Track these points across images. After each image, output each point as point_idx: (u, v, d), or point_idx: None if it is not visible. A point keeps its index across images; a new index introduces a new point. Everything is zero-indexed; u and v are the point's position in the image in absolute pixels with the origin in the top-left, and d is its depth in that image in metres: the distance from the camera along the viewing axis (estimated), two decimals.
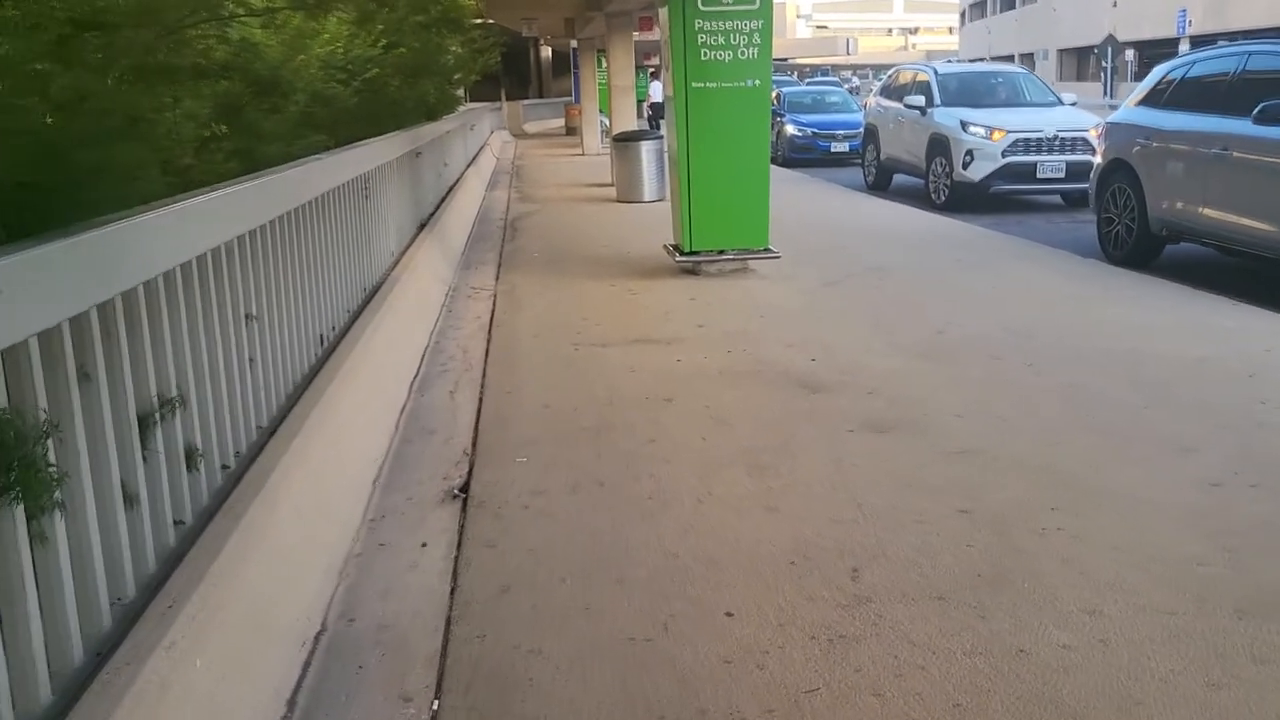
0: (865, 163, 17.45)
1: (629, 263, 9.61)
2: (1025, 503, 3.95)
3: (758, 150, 8.59)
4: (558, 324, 7.25)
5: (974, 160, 13.63)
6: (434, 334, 7.07)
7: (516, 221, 13.05)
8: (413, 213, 9.62)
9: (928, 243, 10.43)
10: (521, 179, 19.26)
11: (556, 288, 8.59)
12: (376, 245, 7.31)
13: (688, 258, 8.76)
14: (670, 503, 4.05)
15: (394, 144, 8.41)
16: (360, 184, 6.85)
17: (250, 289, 4.01)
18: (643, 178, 14.55)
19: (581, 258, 10.09)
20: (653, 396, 5.44)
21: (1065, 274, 8.65)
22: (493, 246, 11.06)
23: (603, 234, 11.73)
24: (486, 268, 9.77)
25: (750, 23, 8.35)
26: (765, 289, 8.22)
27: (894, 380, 5.60)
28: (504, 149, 27.68)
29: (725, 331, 6.82)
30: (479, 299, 8.28)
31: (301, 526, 3.55)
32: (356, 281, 6.41)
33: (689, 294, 8.08)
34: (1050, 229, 12.25)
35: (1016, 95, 15.27)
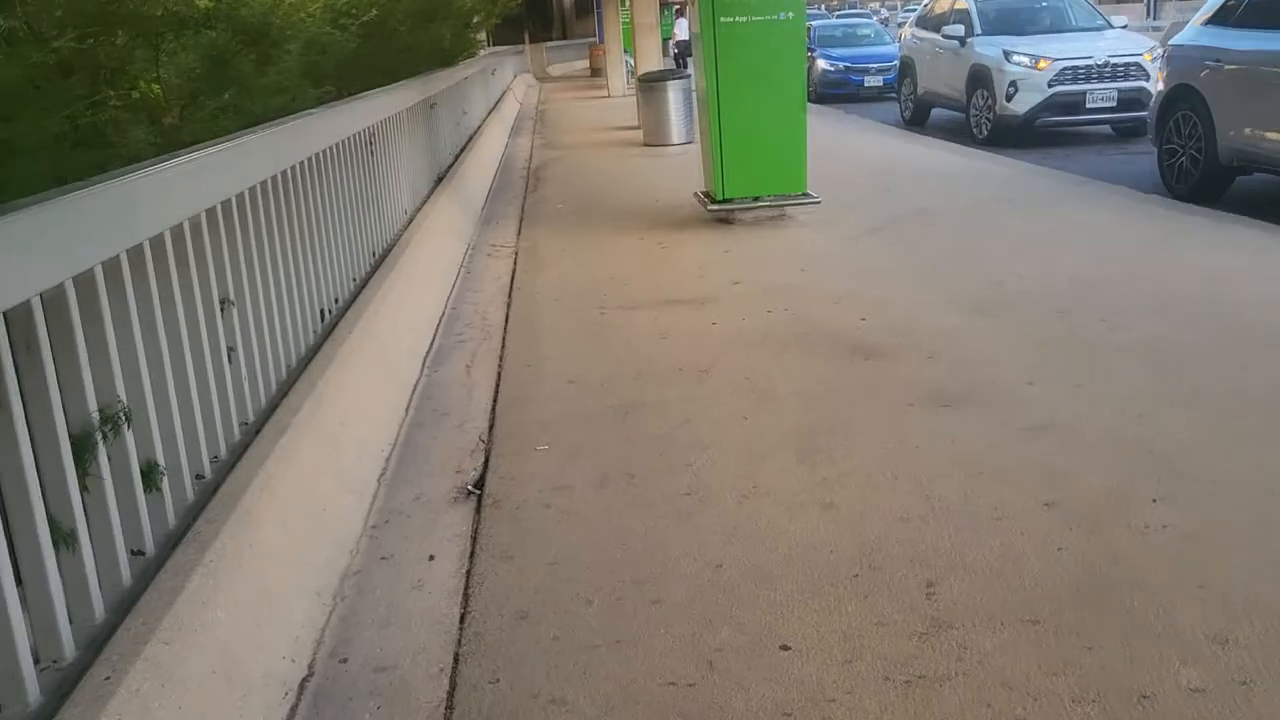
0: (901, 98, 16.70)
1: (658, 213, 9.05)
2: (1120, 492, 3.42)
3: (793, 88, 7.97)
4: (582, 284, 6.74)
5: (1018, 92, 12.90)
6: (450, 299, 6.58)
7: (540, 170, 12.49)
8: (428, 166, 9.10)
9: (974, 182, 9.79)
10: (545, 124, 18.64)
11: (581, 243, 8.06)
12: (387, 204, 6.80)
13: (720, 206, 8.19)
14: (711, 499, 3.55)
15: (404, 94, 7.87)
16: (365, 139, 6.34)
17: (227, 269, 3.52)
18: (670, 120, 13.93)
19: (607, 208, 9.54)
20: (687, 367, 4.92)
21: (1128, 213, 8.01)
22: (514, 198, 10.52)
23: (629, 181, 11.16)
24: (508, 222, 9.24)
25: None
26: (805, 238, 7.65)
27: (954, 341, 5.06)
28: (527, 94, 26.99)
29: (764, 288, 6.28)
30: (499, 257, 7.77)
31: (288, 545, 3.08)
32: (364, 246, 5.92)
33: (723, 246, 7.53)
34: (1102, 163, 11.55)
35: (1062, 20, 14.44)
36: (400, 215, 7.30)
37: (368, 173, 6.31)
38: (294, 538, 3.15)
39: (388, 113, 7.05)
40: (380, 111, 6.70)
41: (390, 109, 7.12)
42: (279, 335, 4.07)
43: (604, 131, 16.52)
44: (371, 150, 6.47)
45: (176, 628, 2.38)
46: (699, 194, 8.70)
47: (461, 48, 14.63)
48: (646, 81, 14.14)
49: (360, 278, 5.74)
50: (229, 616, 2.60)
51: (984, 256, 6.77)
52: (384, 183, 6.82)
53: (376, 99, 6.62)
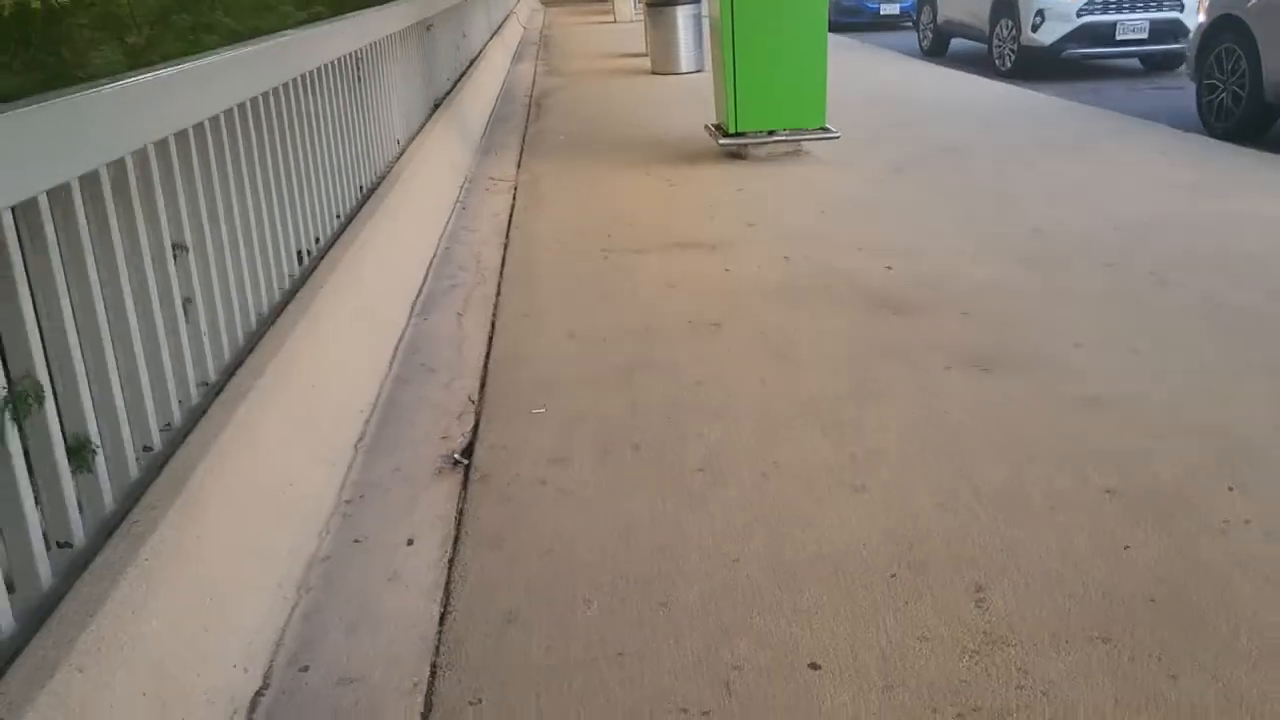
0: (920, 26, 16.04)
1: (666, 145, 8.57)
2: (1190, 479, 3.02)
3: (814, 15, 7.44)
4: (585, 223, 6.29)
5: (1045, 21, 12.28)
6: (444, 237, 6.15)
7: (542, 99, 11.95)
8: (425, 92, 8.59)
9: (1002, 117, 9.27)
10: (549, 50, 18.01)
11: (584, 177, 7.59)
12: (377, 134, 6.34)
13: (733, 139, 7.71)
14: (726, 477, 3.16)
15: (397, 15, 7.34)
16: (352, 62, 5.86)
17: (182, 209, 3.09)
18: (679, 47, 13.35)
19: (613, 140, 9.05)
20: (698, 320, 4.50)
21: (1169, 153, 7.52)
22: (516, 128, 10.02)
23: (636, 111, 10.64)
24: (508, 153, 8.76)
25: None
26: (824, 176, 7.18)
27: (991, 296, 4.63)
28: (532, 18, 26.23)
29: (781, 231, 5.83)
30: (498, 192, 7.31)
31: (245, 532, 2.70)
32: (351, 180, 5.47)
33: (736, 184, 7.06)
34: (1133, 98, 11.00)
35: None
36: (392, 145, 6.84)
37: (356, 99, 5.85)
38: (252, 522, 2.76)
39: (378, 35, 6.55)
40: (370, 33, 6.21)
41: (381, 31, 6.62)
42: (247, 282, 3.65)
43: (610, 58, 15.92)
44: (359, 75, 6.00)
45: (97, 648, 2.00)
46: (710, 126, 8.21)
47: None
48: (655, 6, 13.51)
49: (346, 214, 5.31)
50: (167, 626, 2.22)
51: (1019, 200, 6.31)
52: (374, 110, 6.35)
53: (365, 20, 6.12)
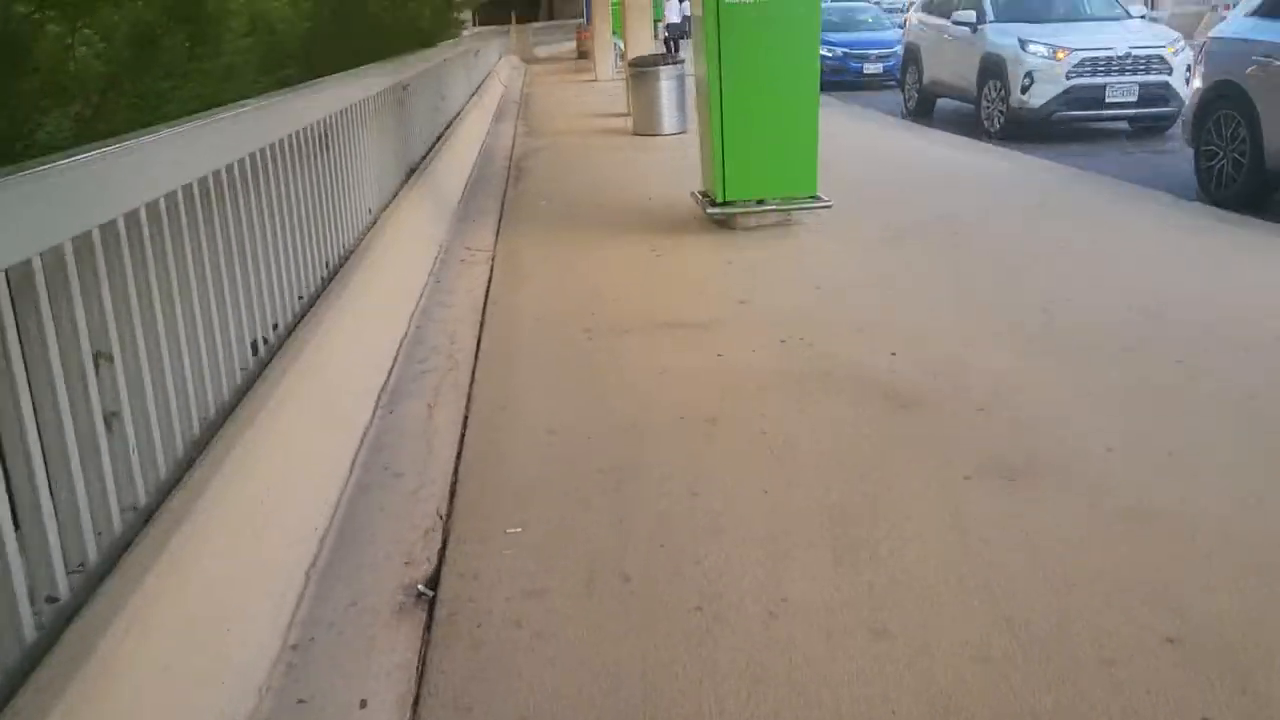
0: (905, 87, 15.92)
1: (651, 213, 8.24)
2: (1261, 620, 2.64)
3: (804, 79, 7.15)
4: (567, 299, 5.93)
5: (1034, 84, 12.13)
6: (416, 315, 5.76)
7: (523, 161, 11.65)
8: (399, 158, 8.26)
9: (996, 183, 9.00)
10: (530, 110, 17.78)
11: (566, 247, 7.24)
12: (346, 205, 5.98)
13: (721, 209, 7.38)
14: (727, 617, 2.76)
15: (370, 79, 7.02)
16: (319, 131, 5.51)
17: (107, 309, 2.70)
18: (662, 108, 13.09)
19: (595, 206, 8.72)
20: (691, 415, 4.12)
21: (1174, 223, 7.24)
22: (495, 193, 9.69)
23: (619, 175, 10.33)
24: (486, 220, 8.41)
25: None
26: (817, 248, 6.85)
27: (1008, 388, 4.27)
28: (512, 76, 26.09)
29: (776, 310, 5.48)
30: (474, 264, 6.95)
31: (166, 702, 2.28)
32: (315, 258, 5.09)
33: (725, 255, 6.72)
34: (1126, 162, 10.78)
35: (1078, 9, 13.67)
36: (363, 216, 6.48)
37: (323, 170, 5.49)
38: (178, 687, 2.34)
39: (348, 101, 6.21)
40: (338, 100, 5.87)
41: (352, 97, 6.28)
42: (190, 384, 3.25)
43: (591, 119, 15.68)
44: (327, 144, 5.65)
45: None
46: (696, 194, 7.89)
47: (442, 28, 13.80)
48: (637, 67, 13.29)
49: (310, 294, 4.93)
50: None
51: (1023, 275, 5.99)
52: (344, 181, 5.99)
53: (333, 87, 5.78)
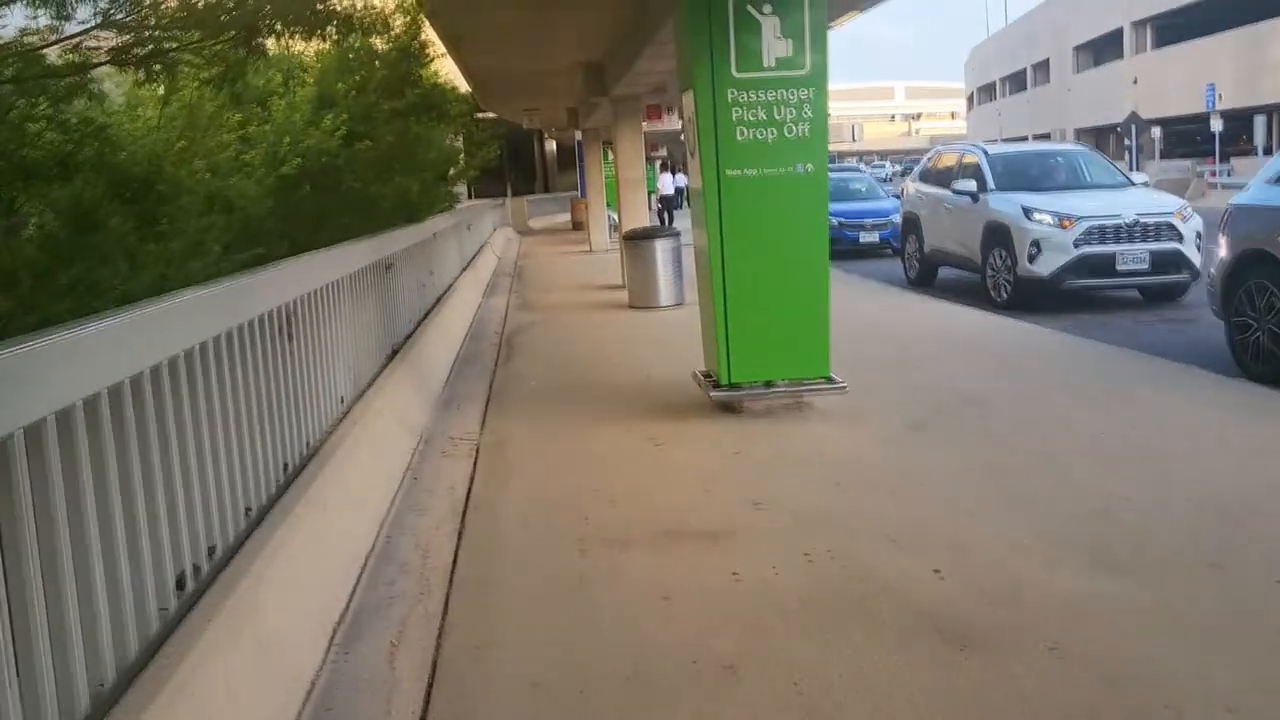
0: (906, 255, 15.61)
1: (650, 395, 7.65)
2: None
3: (813, 254, 6.67)
4: (558, 502, 5.26)
5: (1041, 252, 11.74)
6: (386, 523, 5.09)
7: (514, 336, 11.14)
8: (380, 339, 7.72)
9: (1017, 358, 8.46)
10: (523, 282, 17.45)
11: (558, 436, 6.62)
12: (313, 397, 5.38)
13: (726, 392, 6.79)
14: None
15: (346, 257, 6.53)
16: (281, 317, 4.96)
17: None
18: (658, 281, 12.69)
19: (590, 387, 8.14)
20: (705, 661, 3.41)
21: (1223, 404, 6.65)
22: (483, 372, 9.12)
23: (615, 352, 9.80)
24: (472, 405, 7.81)
25: (799, 91, 6.49)
26: (834, 436, 6.23)
27: (1080, 619, 3.57)
28: (507, 247, 26.02)
29: (795, 515, 4.81)
30: (456, 458, 6.31)
31: None
32: (268, 462, 4.46)
33: (733, 445, 6.10)
34: (1145, 332, 10.30)
35: (1079, 176, 13.45)
36: (333, 407, 5.88)
37: (284, 360, 4.90)
38: None
39: (317, 282, 5.69)
40: (304, 283, 5.33)
41: (321, 278, 5.76)
42: (77, 650, 2.57)
43: (586, 290, 15.31)
44: (289, 333, 5.08)
45: None
46: (698, 374, 7.32)
47: (433, 201, 13.52)
48: (633, 239, 12.95)
49: (260, 506, 4.27)
50: None
51: (1069, 467, 5.35)
52: (310, 369, 5.41)
53: (296, 268, 5.25)
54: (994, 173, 13.06)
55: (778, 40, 6.44)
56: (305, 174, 7.57)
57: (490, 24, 11.06)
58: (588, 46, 13.42)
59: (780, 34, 6.44)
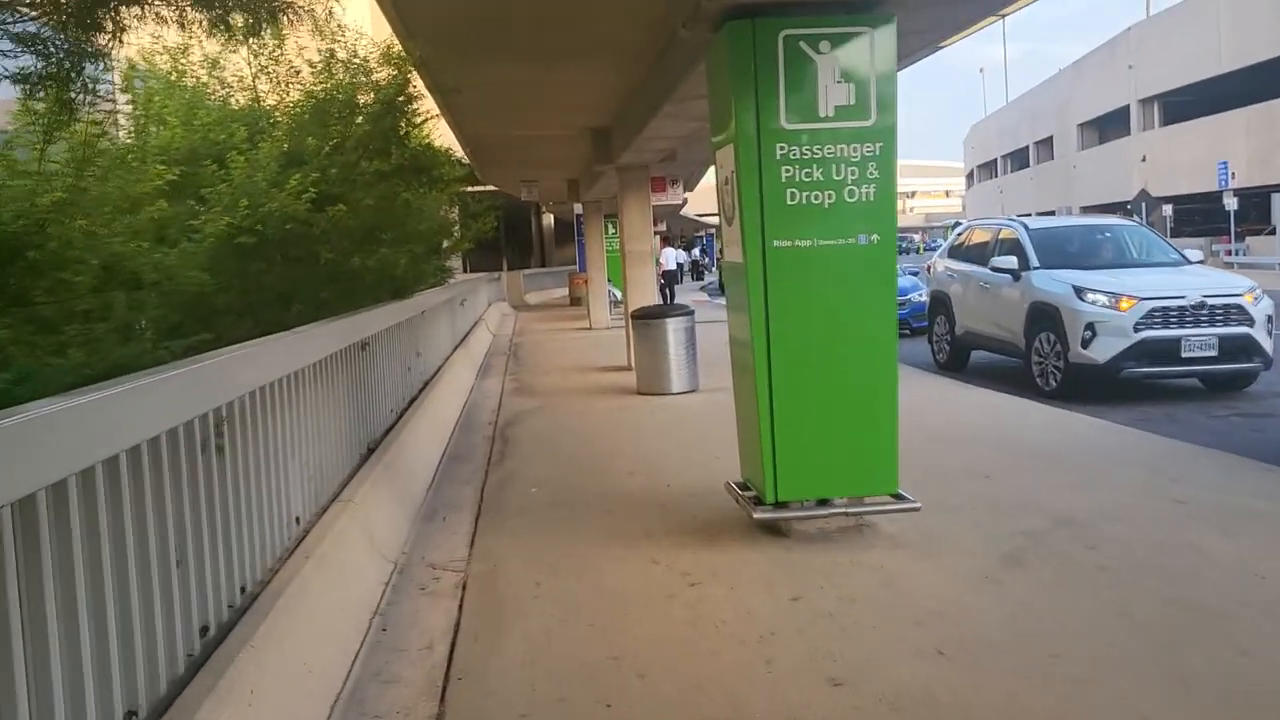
0: (934, 337, 14.44)
1: (673, 507, 6.40)
2: None
3: (879, 343, 5.48)
4: (569, 677, 3.97)
5: (1097, 336, 10.58)
6: (340, 702, 3.80)
7: (509, 428, 9.89)
8: (352, 437, 6.49)
9: (1099, 463, 7.21)
10: (520, 362, 16.24)
11: (564, 567, 5.35)
12: (249, 529, 4.16)
13: (772, 511, 5.54)
14: None
15: (307, 343, 5.33)
16: (209, 426, 3.75)
17: None
18: (670, 364, 11.48)
19: (600, 496, 6.88)
20: None
21: None
22: (473, 475, 7.86)
23: (626, 448, 8.55)
24: (460, 517, 6.55)
25: (863, 146, 5.34)
26: (913, 572, 4.96)
27: None
28: (502, 323, 24.88)
29: (894, 703, 3.54)
30: (437, 595, 5.04)
31: None
32: (170, 638, 3.20)
33: (788, 585, 4.83)
34: (1222, 429, 9.10)
35: (1129, 253, 12.36)
36: (282, 533, 4.63)
37: (206, 487, 3.68)
38: None
39: (266, 377, 4.47)
40: (245, 379, 4.11)
41: (271, 371, 4.54)
42: None
43: (588, 373, 14.09)
44: (219, 444, 3.86)
45: None
46: (733, 486, 6.07)
47: (422, 276, 12.35)
48: (642, 318, 11.76)
49: (153, 704, 3.02)
50: None
51: (1229, 623, 4.10)
52: (248, 493, 4.18)
53: (235, 362, 4.03)
54: (1037, 249, 11.94)
55: (837, 85, 5.30)
56: (274, 243, 6.38)
57: (487, 79, 9.99)
58: (593, 110, 12.38)
59: (840, 77, 5.30)
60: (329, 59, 7.82)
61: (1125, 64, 46.09)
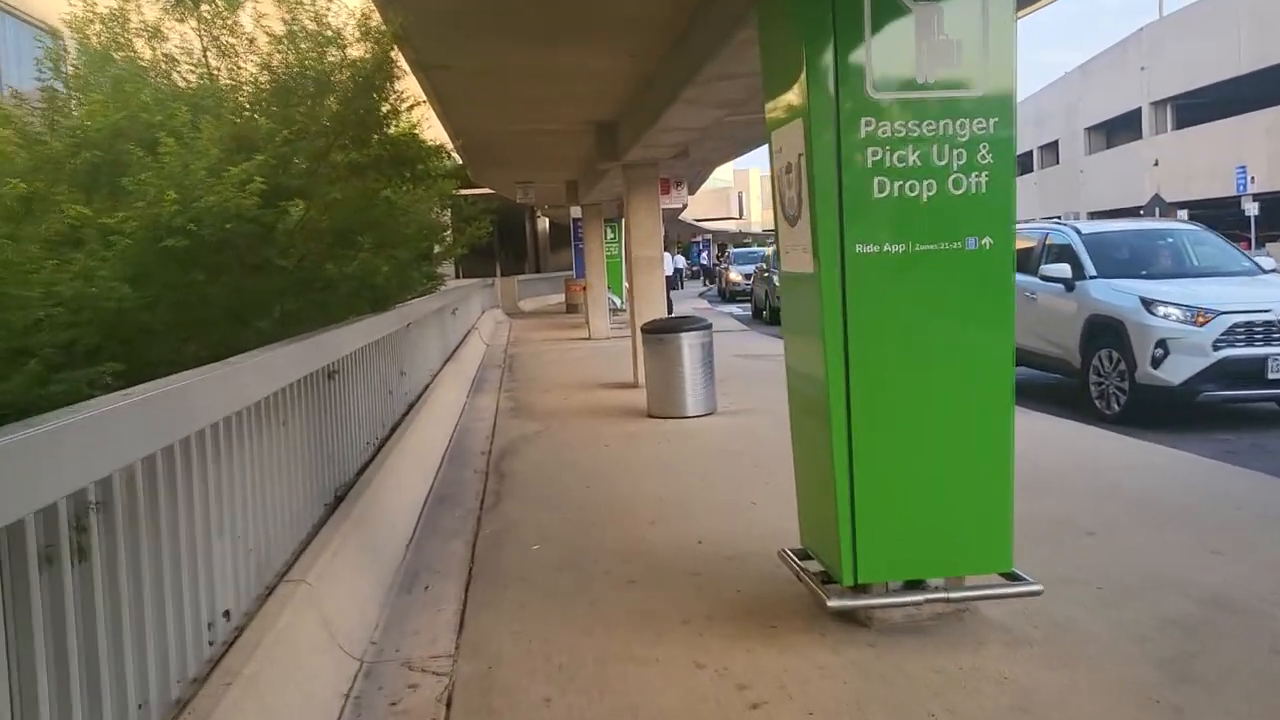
0: None
1: (710, 575, 5.15)
2: None
3: (991, 379, 4.22)
4: None
5: (1170, 355, 9.36)
6: None
7: (505, 459, 8.62)
8: (312, 488, 5.24)
9: (1220, 516, 5.94)
10: (515, 377, 14.96)
11: (581, 675, 4.07)
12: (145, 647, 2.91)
13: (851, 598, 4.27)
14: None
15: (245, 376, 4.08)
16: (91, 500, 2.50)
17: None
18: (685, 384, 10.21)
19: (618, 557, 5.61)
20: None
21: None
22: (463, 523, 6.59)
23: (643, 487, 7.28)
24: (444, 588, 5.28)
25: (974, 122, 4.09)
26: (1049, 685, 3.69)
27: None
28: (496, 332, 23.59)
29: None
30: (413, 716, 3.77)
31: None
32: None
33: (885, 709, 3.57)
34: None
35: (1192, 261, 11.12)
36: (199, 642, 3.38)
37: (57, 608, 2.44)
38: None
39: (170, 435, 3.21)
40: (127, 444, 2.85)
41: (176, 426, 3.27)
42: None
43: (591, 390, 12.82)
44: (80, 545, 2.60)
45: None
46: (790, 556, 4.79)
47: (409, 284, 11.08)
48: (654, 332, 10.49)
49: None
50: None
51: None
52: (140, 597, 2.93)
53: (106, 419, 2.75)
54: (1093, 255, 10.72)
55: (940, 42, 4.05)
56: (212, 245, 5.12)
57: (480, 65, 8.75)
58: (600, 100, 11.12)
59: (943, 31, 4.05)
60: (291, 26, 6.55)
61: (1137, 65, 44.93)
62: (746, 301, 29.99)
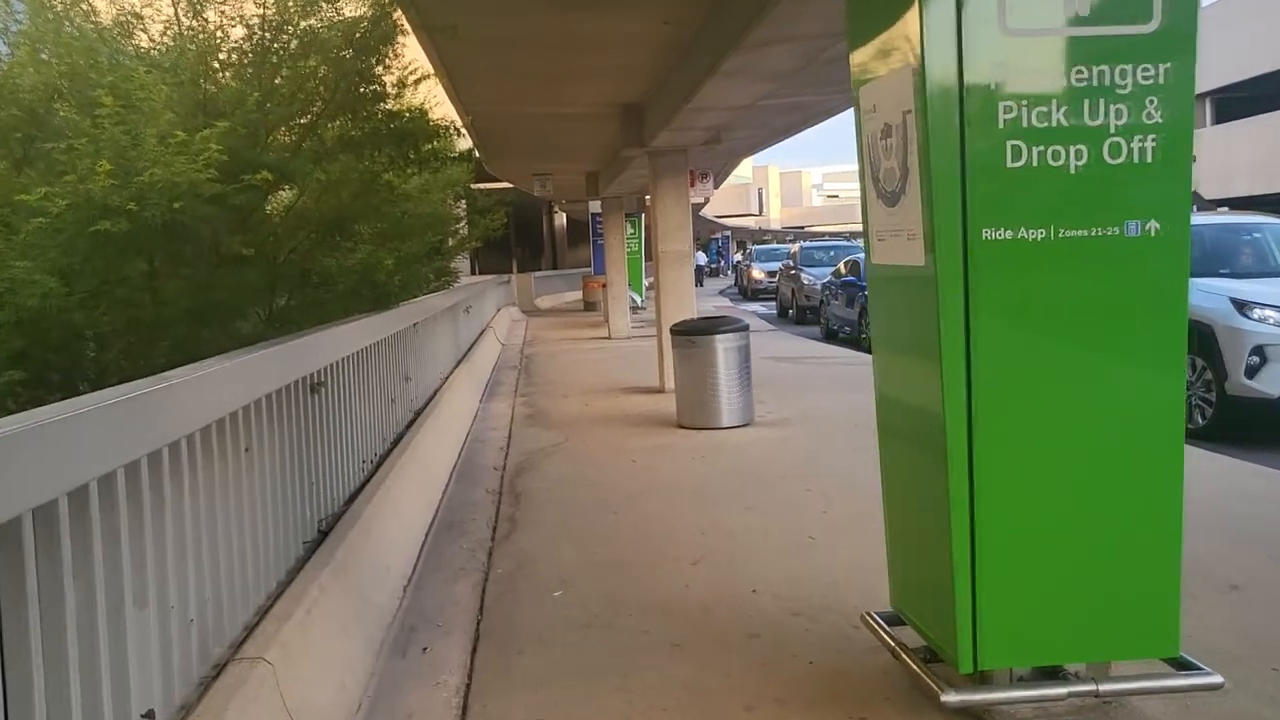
0: None
1: (772, 641, 4.18)
2: None
3: (1156, 409, 3.23)
4: None
5: (1267, 363, 8.35)
6: None
7: (520, 476, 7.67)
8: (287, 526, 4.30)
9: None
10: (532, 380, 14.01)
11: None
12: None
13: (970, 691, 3.29)
14: None
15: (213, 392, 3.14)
16: None
17: None
18: (719, 392, 9.25)
19: (658, 612, 4.64)
20: None
21: None
22: (470, 560, 5.63)
23: (681, 516, 6.31)
24: (446, 650, 4.33)
25: (1139, 70, 3.09)
26: None
27: None
28: (512, 330, 22.67)
29: None
30: None
31: None
32: None
33: None
34: None
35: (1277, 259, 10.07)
36: None
37: None
38: None
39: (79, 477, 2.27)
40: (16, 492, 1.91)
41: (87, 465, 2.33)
42: None
43: (613, 395, 11.84)
44: None
45: None
46: (878, 623, 3.81)
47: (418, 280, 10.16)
48: (684, 333, 9.52)
49: None
50: None
51: None
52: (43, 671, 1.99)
53: None
54: None
55: None
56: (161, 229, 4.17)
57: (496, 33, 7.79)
58: (628, 78, 10.15)
59: None
60: None
61: None
62: (769, 299, 29.05)
